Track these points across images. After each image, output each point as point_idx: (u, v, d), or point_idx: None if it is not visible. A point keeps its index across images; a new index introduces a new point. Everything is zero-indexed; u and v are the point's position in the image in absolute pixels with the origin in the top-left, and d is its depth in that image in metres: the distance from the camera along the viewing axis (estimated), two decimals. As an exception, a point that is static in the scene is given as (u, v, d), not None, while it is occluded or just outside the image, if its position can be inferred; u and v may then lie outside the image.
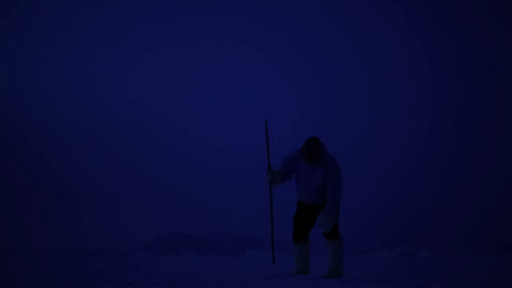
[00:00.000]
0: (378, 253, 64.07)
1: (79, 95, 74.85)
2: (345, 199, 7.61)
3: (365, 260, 24.92)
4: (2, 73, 71.42)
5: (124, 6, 68.24)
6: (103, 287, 5.96)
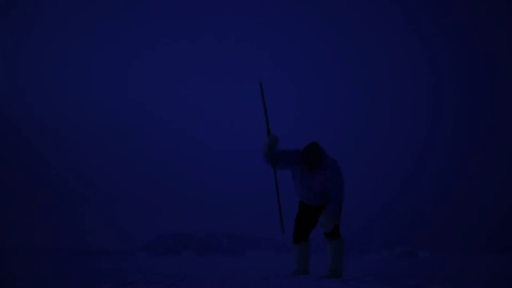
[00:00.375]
0: (378, 253, 64.09)
1: (79, 95, 74.90)
2: (346, 199, 7.58)
3: (365, 260, 24.93)
4: (2, 73, 71.45)
5: (124, 6, 68.30)
6: (103, 287, 5.96)
